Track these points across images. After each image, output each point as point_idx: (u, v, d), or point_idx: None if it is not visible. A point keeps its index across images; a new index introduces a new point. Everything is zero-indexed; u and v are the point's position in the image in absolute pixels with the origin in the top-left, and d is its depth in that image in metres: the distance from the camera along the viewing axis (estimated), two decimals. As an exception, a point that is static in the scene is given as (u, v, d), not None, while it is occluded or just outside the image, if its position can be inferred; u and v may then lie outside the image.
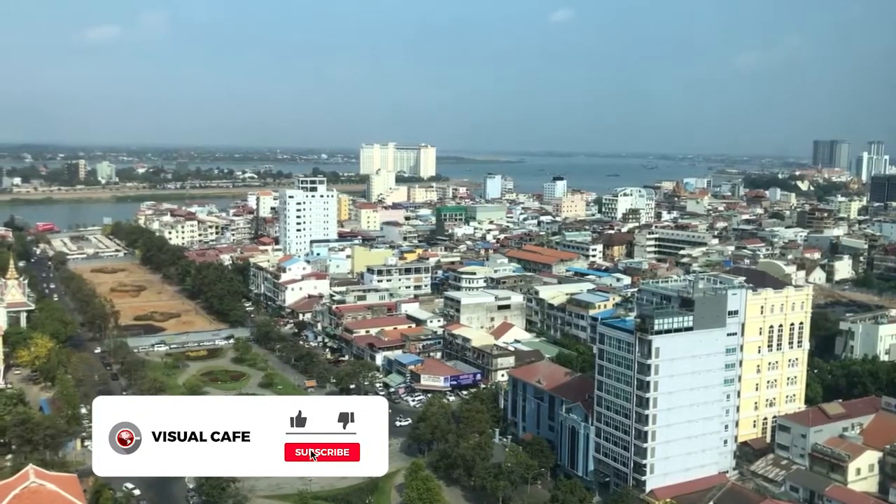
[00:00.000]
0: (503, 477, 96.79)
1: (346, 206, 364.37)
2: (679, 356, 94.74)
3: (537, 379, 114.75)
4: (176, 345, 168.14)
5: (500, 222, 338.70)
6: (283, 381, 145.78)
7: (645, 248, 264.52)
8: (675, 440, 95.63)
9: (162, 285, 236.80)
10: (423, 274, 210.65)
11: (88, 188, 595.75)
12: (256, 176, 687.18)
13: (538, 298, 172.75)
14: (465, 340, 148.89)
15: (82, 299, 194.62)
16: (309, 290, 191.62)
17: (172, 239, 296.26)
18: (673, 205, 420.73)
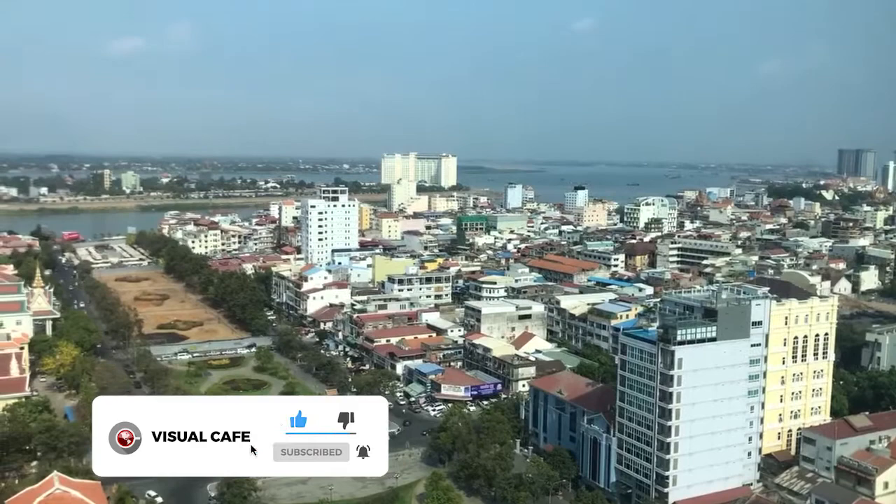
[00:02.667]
0: (524, 488, 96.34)
1: (367, 215, 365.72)
2: (702, 367, 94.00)
3: (559, 389, 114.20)
4: (198, 353, 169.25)
5: (521, 232, 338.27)
6: (304, 389, 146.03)
7: (667, 258, 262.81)
8: (699, 452, 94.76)
9: (185, 294, 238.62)
10: (443, 283, 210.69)
11: (113, 198, 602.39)
12: (279, 186, 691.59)
13: (559, 308, 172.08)
14: (486, 350, 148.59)
15: (107, 308, 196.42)
16: (330, 300, 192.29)
17: (196, 248, 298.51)
18: (696, 214, 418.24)
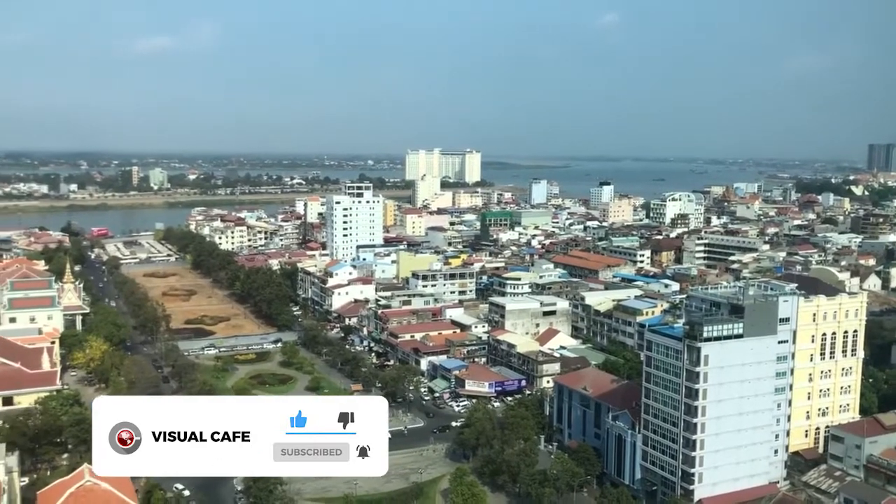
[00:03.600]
0: (549, 484, 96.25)
1: (391, 211, 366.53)
2: (728, 364, 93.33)
3: (583, 386, 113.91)
4: (225, 348, 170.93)
5: (546, 227, 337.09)
6: (329, 384, 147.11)
7: (694, 254, 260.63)
8: (724, 449, 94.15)
9: (212, 289, 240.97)
10: (467, 279, 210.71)
11: (141, 194, 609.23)
12: (304, 182, 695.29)
13: (584, 304, 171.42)
14: (510, 346, 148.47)
15: (135, 303, 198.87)
16: (355, 295, 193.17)
17: (222, 244, 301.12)
18: (723, 210, 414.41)
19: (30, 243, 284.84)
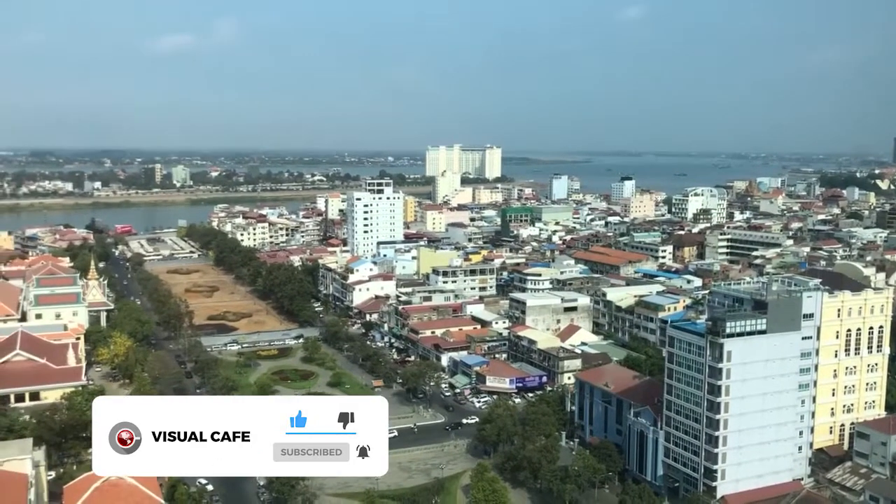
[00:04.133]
0: (570, 480, 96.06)
1: (411, 207, 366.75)
2: (752, 360, 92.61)
3: (605, 382, 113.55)
4: (248, 344, 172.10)
5: (567, 223, 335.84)
6: (350, 380, 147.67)
7: (716, 250, 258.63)
8: (748, 445, 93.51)
9: (234, 286, 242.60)
10: (488, 275, 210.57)
11: (164, 191, 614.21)
12: (325, 179, 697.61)
13: (606, 300, 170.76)
14: (531, 342, 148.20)
15: (158, 299, 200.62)
16: (376, 291, 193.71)
17: (244, 241, 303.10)
18: (746, 205, 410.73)
19: (55, 240, 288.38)
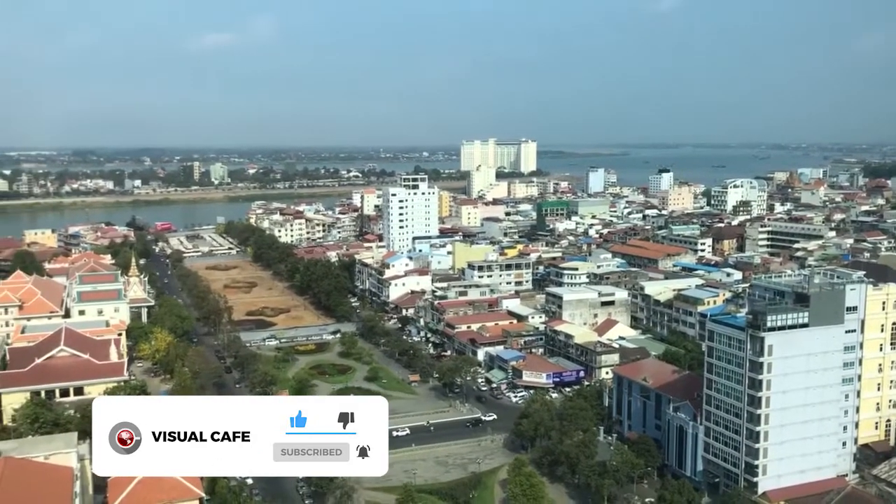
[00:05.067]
0: (608, 475, 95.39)
1: (446, 202, 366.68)
2: (793, 354, 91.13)
3: (643, 377, 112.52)
4: (286, 339, 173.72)
5: (603, 216, 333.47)
6: (387, 374, 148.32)
7: (757, 242, 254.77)
8: (790, 441, 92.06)
9: (272, 282, 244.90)
10: (523, 270, 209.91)
11: (203, 189, 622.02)
12: (361, 175, 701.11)
13: (644, 294, 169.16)
14: (568, 337, 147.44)
15: (198, 295, 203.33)
16: (412, 286, 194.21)
17: (282, 237, 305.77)
18: (787, 196, 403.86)
19: (97, 238, 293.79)
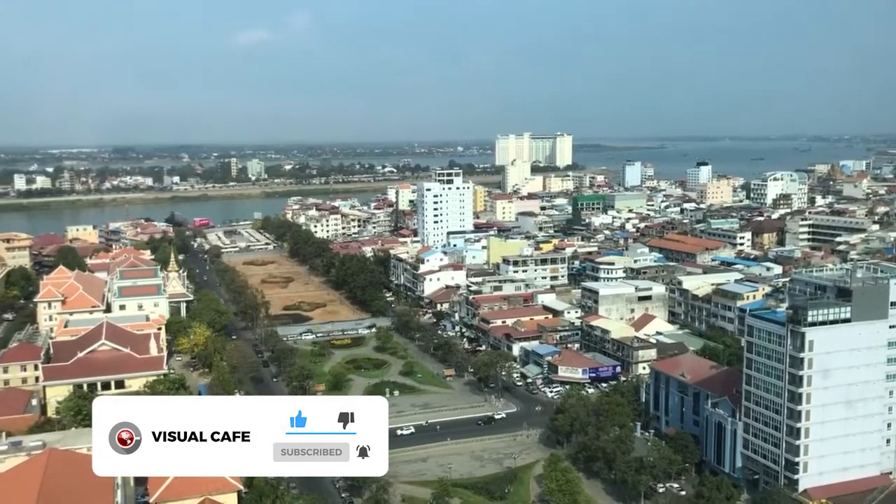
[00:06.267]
0: (645, 471, 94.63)
1: (481, 197, 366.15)
2: (835, 350, 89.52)
3: (681, 372, 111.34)
4: (322, 333, 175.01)
5: (640, 210, 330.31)
6: (422, 369, 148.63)
7: (797, 236, 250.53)
8: (831, 438, 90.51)
9: (308, 276, 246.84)
10: (559, 264, 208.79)
11: (240, 185, 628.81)
12: (395, 170, 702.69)
13: (682, 289, 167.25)
14: (604, 332, 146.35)
15: (236, 290, 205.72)
16: (446, 281, 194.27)
17: (318, 232, 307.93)
18: (828, 189, 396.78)
19: (137, 234, 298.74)
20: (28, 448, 71.38)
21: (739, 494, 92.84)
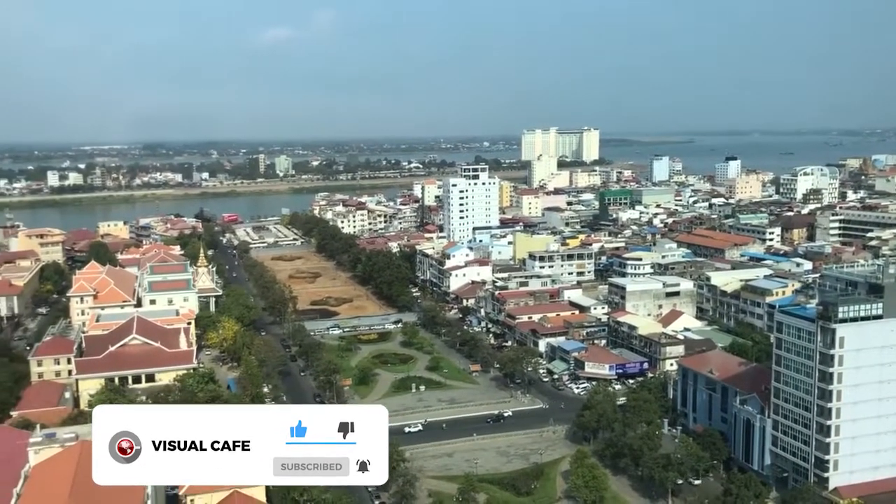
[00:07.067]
0: (673, 468, 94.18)
1: (507, 192, 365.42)
2: (866, 346, 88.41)
3: (709, 369, 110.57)
4: (349, 328, 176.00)
5: (668, 206, 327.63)
6: (448, 364, 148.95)
7: (828, 231, 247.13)
8: (863, 436, 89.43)
9: (335, 272, 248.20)
10: (586, 260, 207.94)
11: (268, 181, 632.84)
12: (421, 165, 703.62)
13: (710, 285, 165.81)
14: (632, 328, 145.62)
15: (264, 285, 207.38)
16: (472, 277, 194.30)
17: (344, 228, 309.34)
18: (859, 184, 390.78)
19: (166, 229, 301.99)
20: (61, 440, 72.44)
21: (768, 492, 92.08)
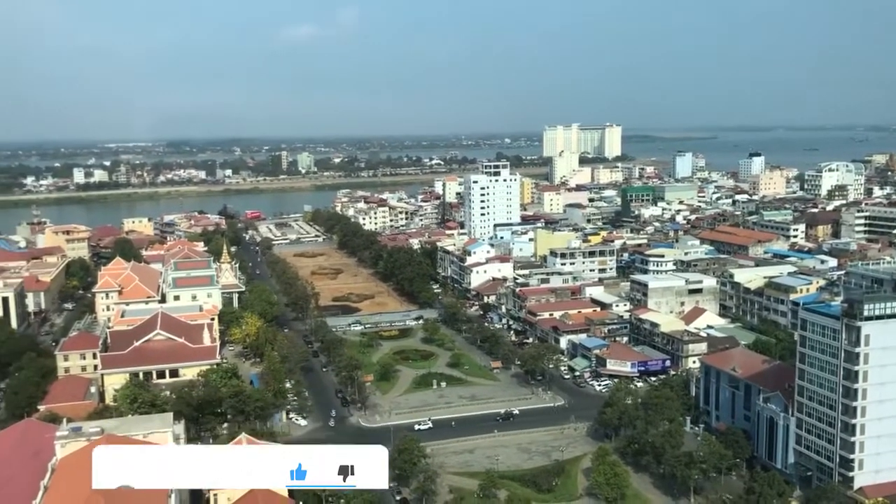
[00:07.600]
0: (695, 466, 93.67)
1: (528, 189, 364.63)
2: (892, 344, 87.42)
3: (732, 366, 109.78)
4: (370, 324, 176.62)
5: (691, 202, 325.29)
6: (469, 361, 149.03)
7: (853, 228, 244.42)
8: (888, 435, 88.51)
9: (357, 268, 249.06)
10: (607, 257, 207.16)
11: (290, 178, 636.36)
12: (443, 162, 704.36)
13: (733, 282, 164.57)
14: (654, 325, 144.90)
15: (286, 281, 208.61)
16: (493, 273, 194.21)
17: (366, 224, 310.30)
18: (886, 180, 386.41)
19: (190, 226, 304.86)
20: (87, 434, 73.52)
21: (792, 491, 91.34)
